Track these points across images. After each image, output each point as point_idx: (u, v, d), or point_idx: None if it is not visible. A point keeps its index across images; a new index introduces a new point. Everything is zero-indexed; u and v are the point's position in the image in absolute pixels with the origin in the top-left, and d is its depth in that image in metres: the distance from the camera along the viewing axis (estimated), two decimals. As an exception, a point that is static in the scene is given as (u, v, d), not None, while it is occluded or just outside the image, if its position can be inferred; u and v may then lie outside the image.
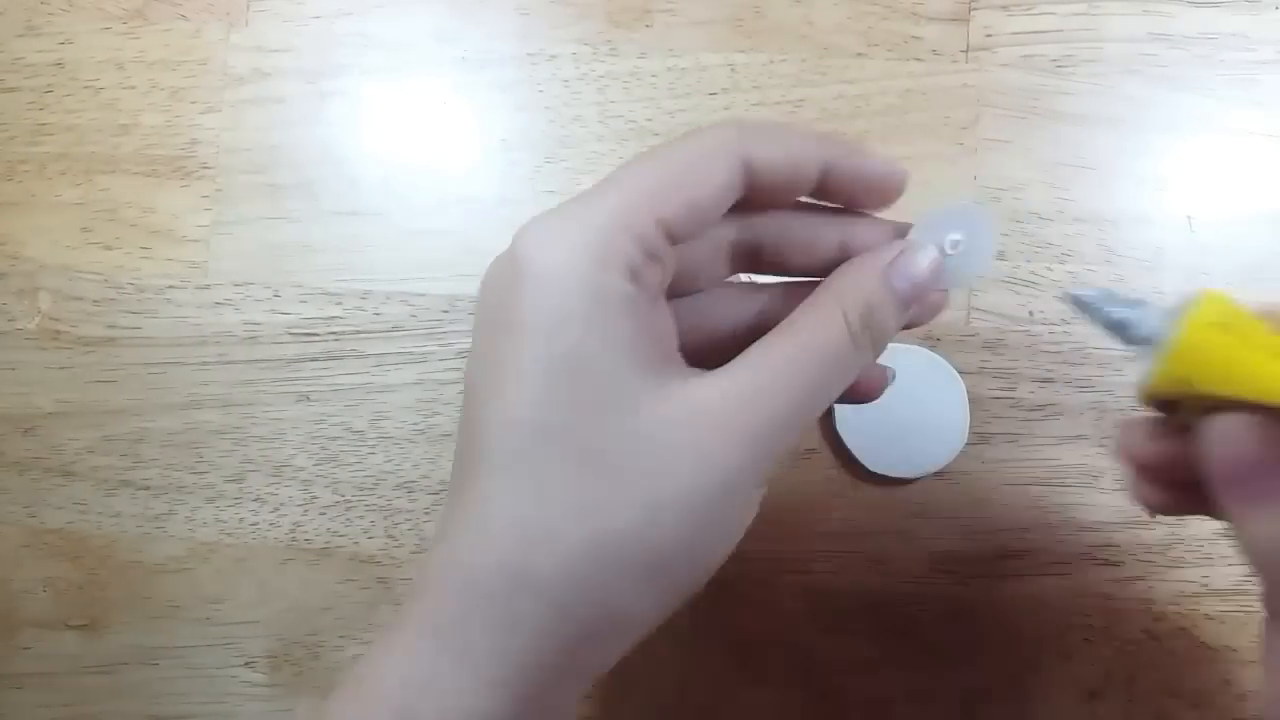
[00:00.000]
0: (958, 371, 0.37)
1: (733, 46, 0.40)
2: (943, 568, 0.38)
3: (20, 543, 0.40)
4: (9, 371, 0.40)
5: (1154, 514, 0.24)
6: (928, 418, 0.37)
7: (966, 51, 0.39)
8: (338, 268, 0.40)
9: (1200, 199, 0.38)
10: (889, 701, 0.37)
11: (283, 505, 0.39)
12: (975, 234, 0.24)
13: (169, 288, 0.40)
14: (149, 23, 0.41)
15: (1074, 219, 0.38)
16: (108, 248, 0.40)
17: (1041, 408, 0.38)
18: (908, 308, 0.24)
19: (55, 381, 0.40)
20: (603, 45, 0.40)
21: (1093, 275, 0.38)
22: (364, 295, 0.39)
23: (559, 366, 0.21)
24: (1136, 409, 0.23)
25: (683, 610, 0.22)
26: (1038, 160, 0.39)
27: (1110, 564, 0.37)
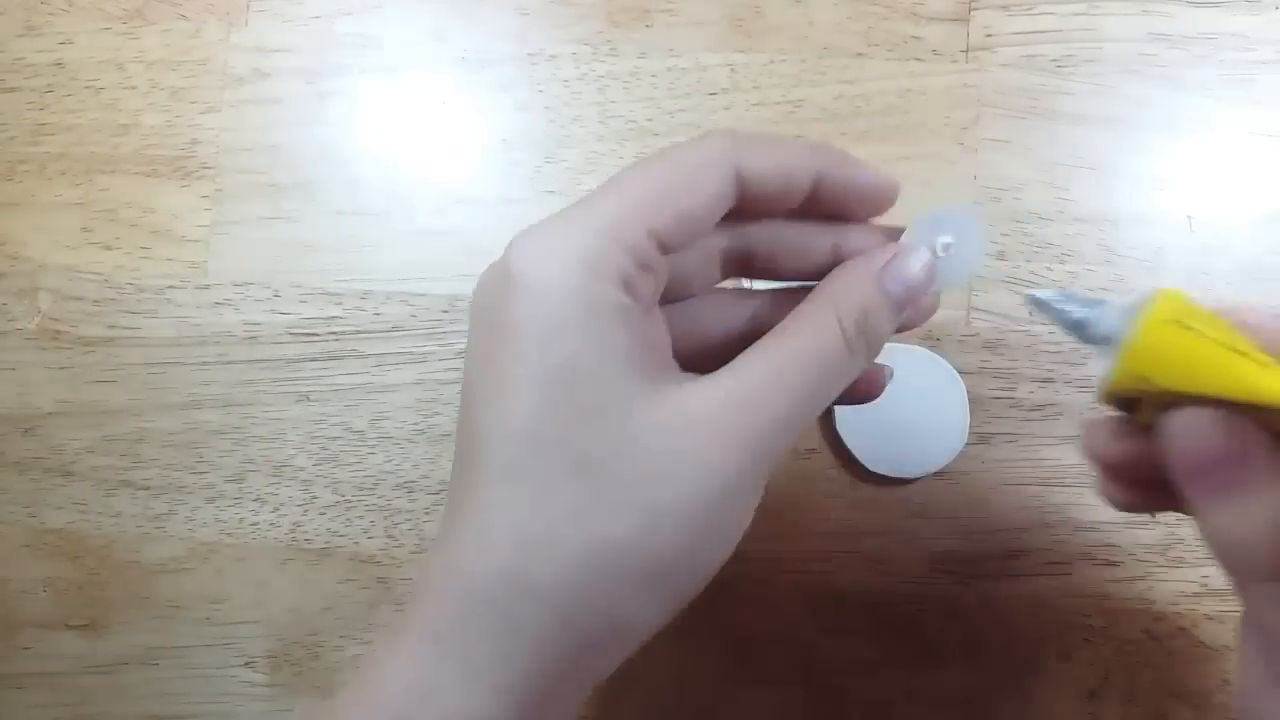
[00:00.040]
0: (958, 371, 0.37)
1: (733, 46, 0.40)
2: (943, 568, 0.38)
3: (20, 543, 0.40)
4: (9, 371, 0.40)
5: (1122, 510, 0.24)
6: (928, 418, 0.37)
7: (966, 51, 0.39)
8: (338, 268, 0.40)
9: (1200, 199, 0.38)
10: (889, 701, 0.37)
11: (283, 505, 0.39)
12: (965, 236, 0.24)
13: (169, 288, 0.40)
14: (149, 23, 0.41)
15: (1074, 219, 0.38)
16: (108, 248, 0.40)
17: (1041, 408, 0.38)
18: (902, 310, 0.24)
19: (55, 381, 0.40)
20: (603, 45, 0.40)
21: (1093, 275, 0.38)
22: (364, 295, 0.39)
23: (555, 376, 0.21)
24: (1099, 409, 0.23)
25: (682, 610, 0.23)
26: (1037, 160, 0.39)
27: (1110, 564, 0.37)
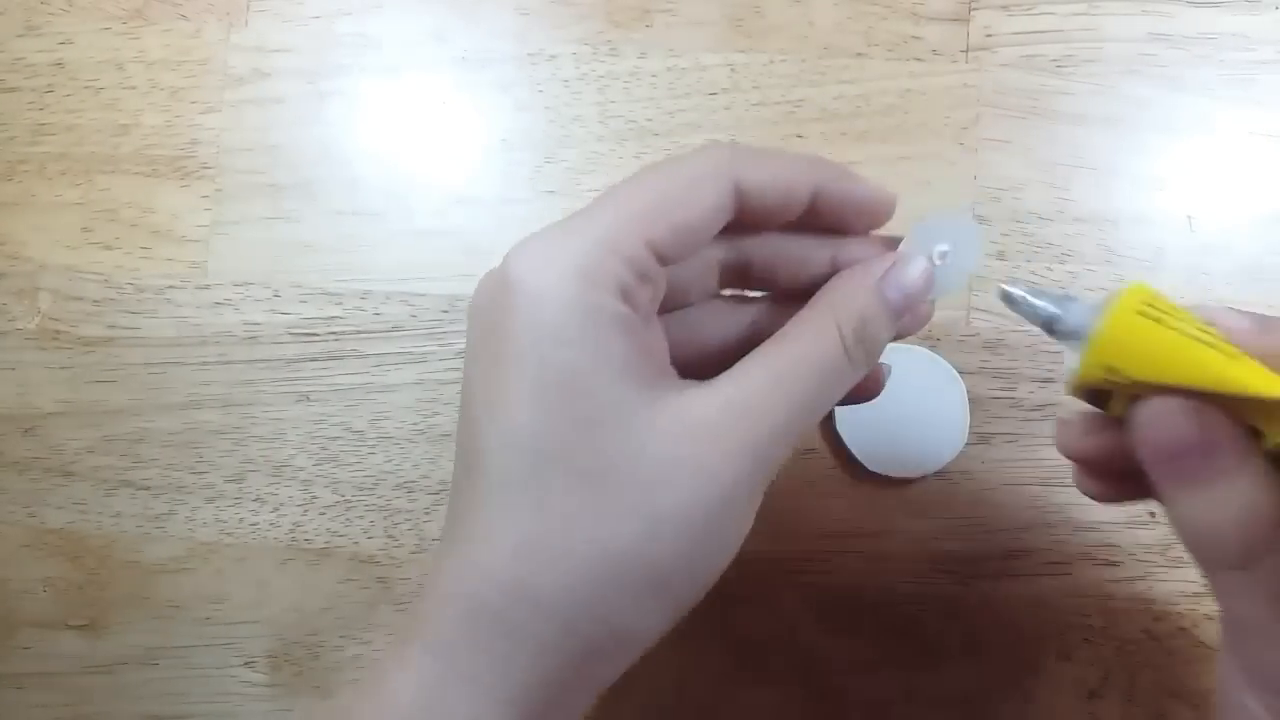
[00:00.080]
0: (958, 371, 0.37)
1: (733, 46, 0.40)
2: (943, 568, 0.38)
3: (20, 543, 0.40)
4: (9, 371, 0.40)
5: (1100, 502, 0.25)
6: (928, 418, 0.37)
7: (966, 51, 0.39)
8: (338, 268, 0.40)
9: (1200, 199, 0.38)
10: (889, 701, 0.37)
11: (283, 505, 0.39)
12: (962, 244, 0.24)
13: (169, 288, 0.40)
14: (149, 23, 0.41)
15: (1074, 219, 0.38)
16: (108, 248, 0.40)
17: (1041, 408, 0.38)
18: (900, 318, 0.24)
19: (55, 381, 0.40)
20: (603, 45, 0.40)
21: (1093, 275, 0.38)
22: (364, 295, 0.39)
23: (554, 387, 0.21)
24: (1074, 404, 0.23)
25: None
26: (1037, 160, 0.39)
27: (1110, 564, 0.37)
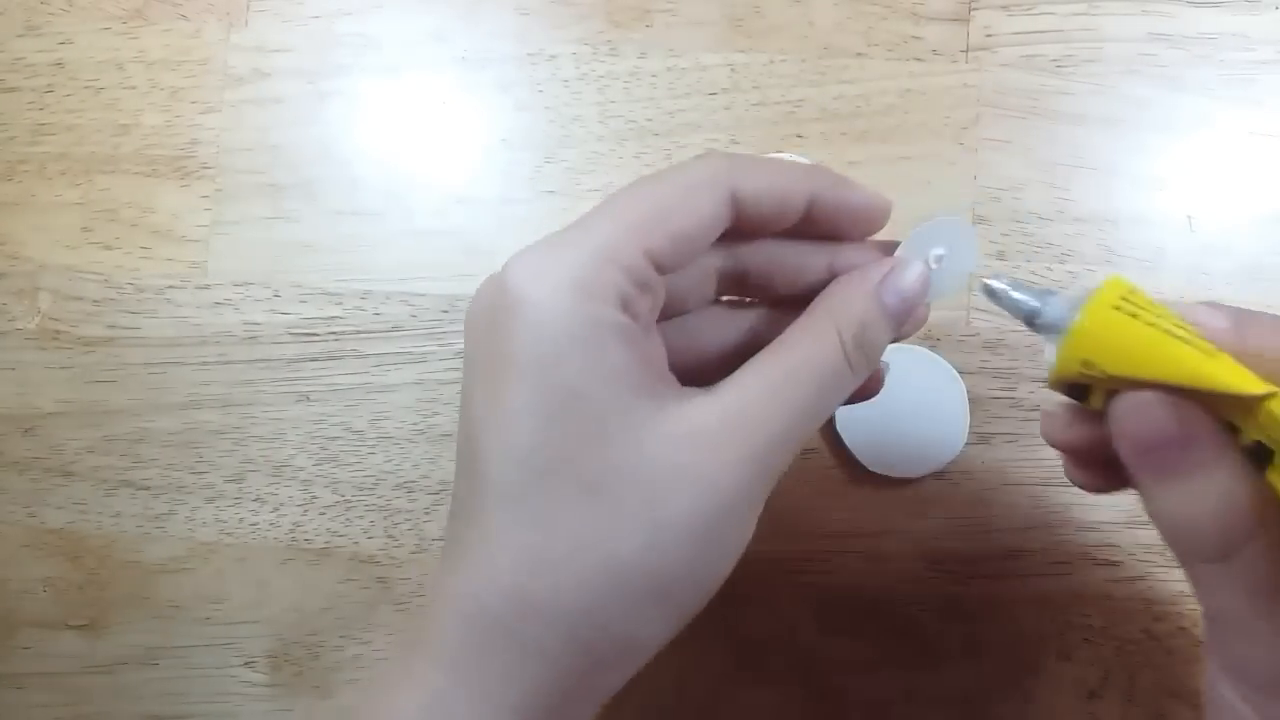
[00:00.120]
0: (958, 371, 0.37)
1: (733, 46, 0.40)
2: (943, 568, 0.38)
3: (20, 543, 0.40)
4: (9, 371, 0.40)
5: (1090, 492, 0.25)
6: (928, 418, 0.37)
7: (966, 51, 0.39)
8: (338, 268, 0.40)
9: (1200, 199, 0.38)
10: (889, 701, 0.37)
11: (283, 505, 0.39)
12: (958, 248, 0.24)
13: (169, 288, 0.40)
14: (149, 23, 0.41)
15: (1074, 219, 0.38)
16: (108, 248, 0.40)
17: (1041, 408, 0.38)
18: (899, 323, 0.24)
19: (55, 381, 0.40)
20: (603, 45, 0.40)
21: (1093, 275, 0.38)
22: (364, 295, 0.39)
23: (555, 398, 0.21)
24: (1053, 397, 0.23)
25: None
26: (1038, 160, 0.39)
27: (1110, 564, 0.37)
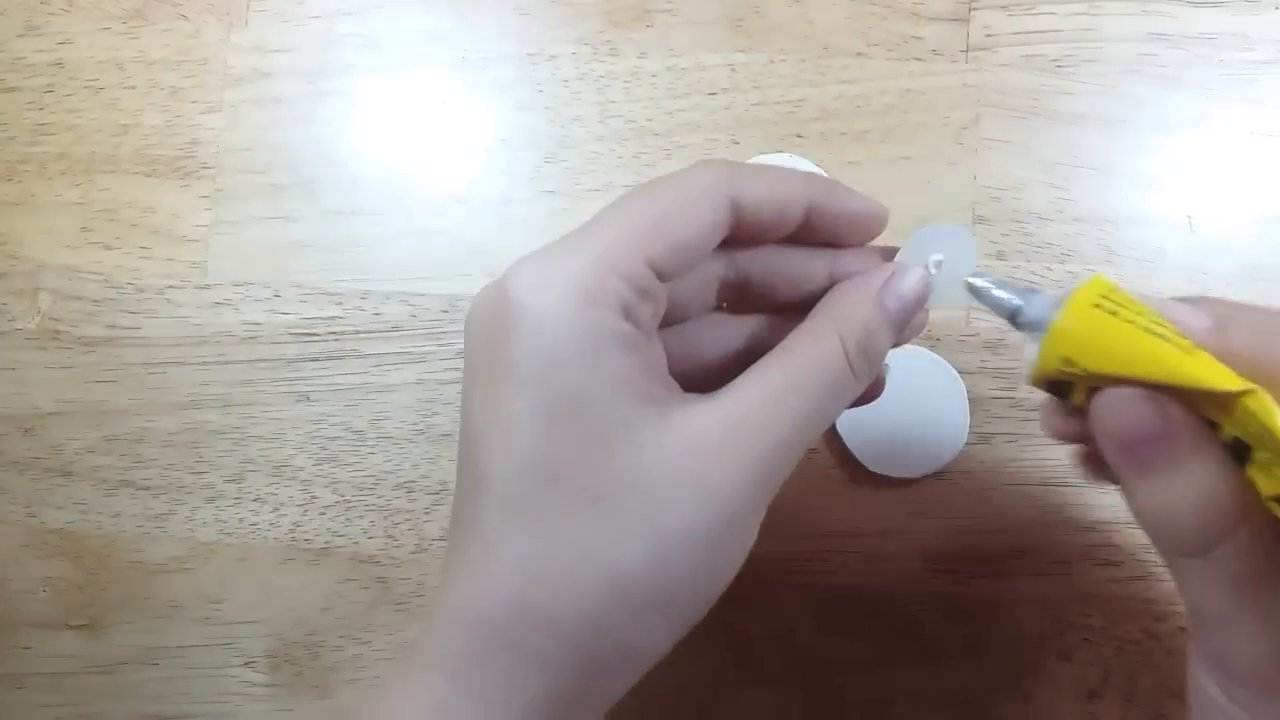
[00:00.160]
0: (958, 371, 0.37)
1: (733, 46, 0.40)
2: (943, 568, 0.38)
3: (20, 543, 0.40)
4: (9, 371, 0.40)
5: (1094, 484, 0.25)
6: (928, 418, 0.37)
7: (966, 51, 0.39)
8: (338, 268, 0.40)
9: (1200, 199, 0.38)
10: (889, 701, 0.37)
11: (283, 505, 0.39)
12: (956, 253, 0.25)
13: (169, 288, 0.40)
14: (149, 23, 0.41)
15: (1074, 219, 0.38)
16: (108, 248, 0.40)
17: (1042, 406, 0.38)
18: (900, 328, 0.24)
19: (55, 381, 0.40)
20: (603, 45, 0.40)
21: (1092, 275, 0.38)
22: (364, 295, 0.39)
23: (557, 407, 0.21)
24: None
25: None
26: (1038, 160, 0.39)
27: (1110, 564, 0.37)
